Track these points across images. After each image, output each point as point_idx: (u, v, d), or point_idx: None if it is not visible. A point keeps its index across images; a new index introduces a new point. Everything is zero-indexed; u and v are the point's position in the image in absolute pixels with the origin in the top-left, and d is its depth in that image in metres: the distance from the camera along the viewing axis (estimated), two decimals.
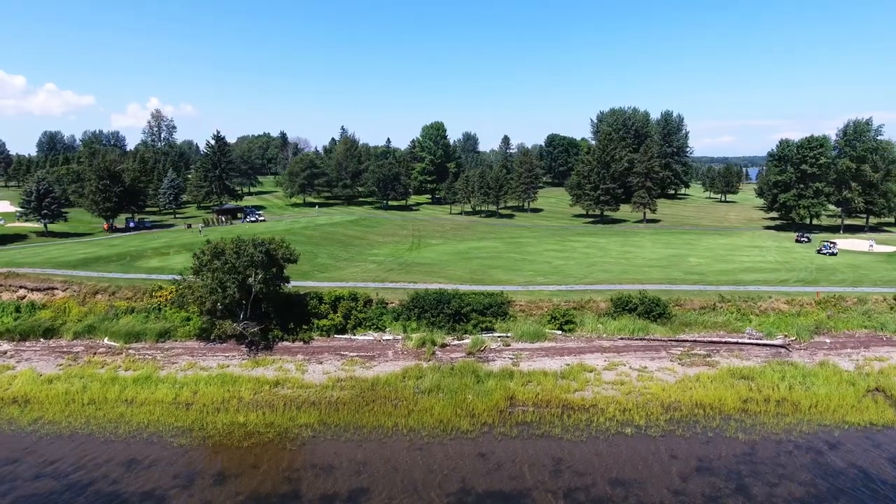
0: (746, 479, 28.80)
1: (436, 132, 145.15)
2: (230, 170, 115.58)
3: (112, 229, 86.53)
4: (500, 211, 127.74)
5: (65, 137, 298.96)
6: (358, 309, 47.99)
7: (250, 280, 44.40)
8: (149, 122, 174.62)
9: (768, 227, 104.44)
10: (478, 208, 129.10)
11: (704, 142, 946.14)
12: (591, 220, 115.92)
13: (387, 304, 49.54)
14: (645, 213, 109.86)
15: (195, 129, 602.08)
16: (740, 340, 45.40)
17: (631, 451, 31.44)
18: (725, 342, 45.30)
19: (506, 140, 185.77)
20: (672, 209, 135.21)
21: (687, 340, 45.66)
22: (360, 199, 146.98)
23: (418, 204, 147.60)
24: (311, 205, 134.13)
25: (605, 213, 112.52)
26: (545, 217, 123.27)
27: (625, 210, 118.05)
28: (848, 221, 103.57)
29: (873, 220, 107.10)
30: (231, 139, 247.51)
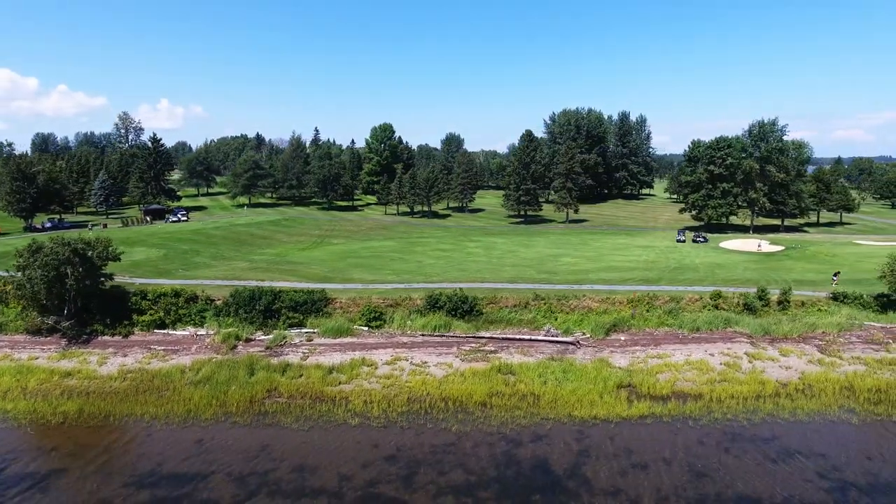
0: (422, 467, 30.21)
1: (383, 133, 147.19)
2: (168, 170, 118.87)
3: (31, 229, 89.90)
4: (438, 211, 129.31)
5: (58, 139, 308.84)
6: (179, 305, 50.06)
7: (68, 278, 46.75)
8: (116, 125, 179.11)
9: (689, 228, 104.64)
10: (416, 209, 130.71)
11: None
12: (519, 220, 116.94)
13: (213, 300, 51.55)
14: (568, 214, 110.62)
15: (204, 130, 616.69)
16: (533, 337, 46.61)
17: (339, 441, 32.98)
18: (519, 339, 46.57)
19: (448, 141, 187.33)
20: (611, 210, 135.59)
21: (484, 337, 47.00)
22: (313, 200, 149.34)
23: (368, 204, 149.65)
24: (263, 205, 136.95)
25: (530, 213, 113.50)
26: (479, 217, 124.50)
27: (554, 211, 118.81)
28: (774, 222, 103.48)
29: (797, 221, 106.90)
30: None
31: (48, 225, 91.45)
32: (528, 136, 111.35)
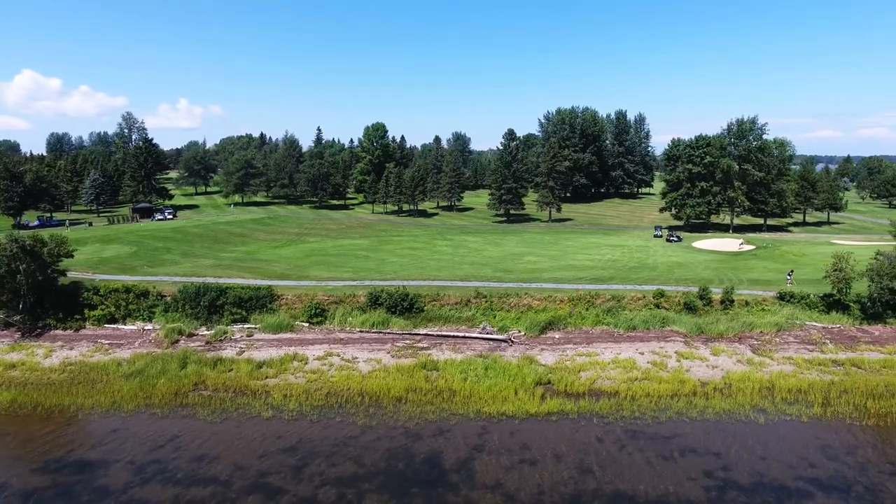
0: (316, 459, 30.91)
1: (375, 132, 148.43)
2: (159, 170, 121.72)
3: (18, 226, 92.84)
4: (426, 210, 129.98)
5: (72, 139, 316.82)
6: (129, 301, 51.57)
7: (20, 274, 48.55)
8: (119, 125, 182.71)
9: (670, 227, 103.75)
10: (405, 207, 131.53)
11: None
12: (503, 219, 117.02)
13: (164, 296, 52.92)
14: (550, 213, 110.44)
15: (222, 129, 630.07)
16: (468, 335, 47.07)
17: (247, 432, 33.87)
18: (454, 336, 47.07)
19: (437, 140, 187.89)
20: (601, 209, 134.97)
21: (419, 334, 47.60)
22: (306, 199, 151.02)
23: (361, 203, 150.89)
24: (255, 204, 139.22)
25: (515, 212, 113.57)
26: (465, 216, 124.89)
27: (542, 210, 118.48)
28: (758, 221, 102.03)
29: (783, 220, 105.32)
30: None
31: (35, 223, 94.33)
32: (509, 135, 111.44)
